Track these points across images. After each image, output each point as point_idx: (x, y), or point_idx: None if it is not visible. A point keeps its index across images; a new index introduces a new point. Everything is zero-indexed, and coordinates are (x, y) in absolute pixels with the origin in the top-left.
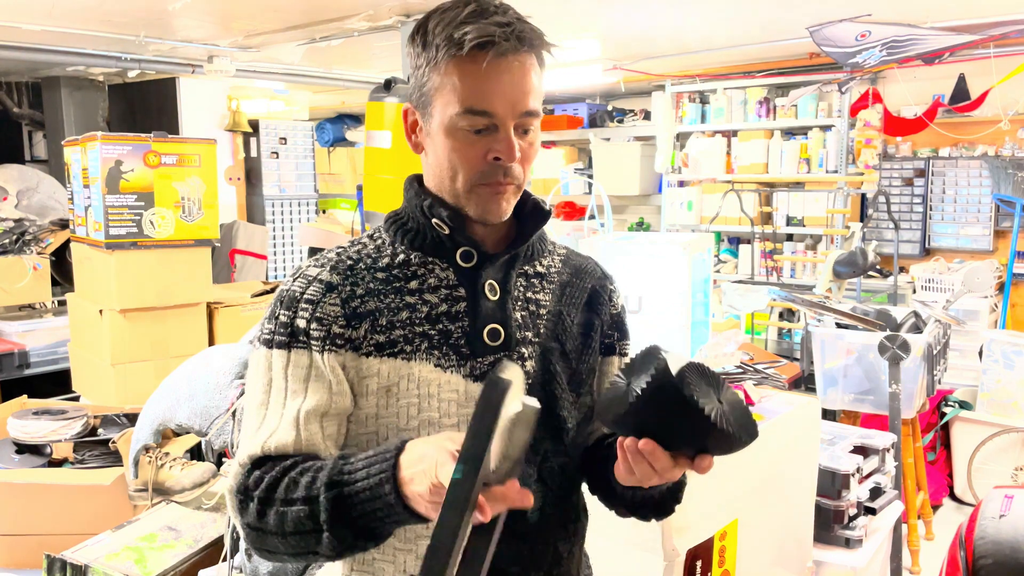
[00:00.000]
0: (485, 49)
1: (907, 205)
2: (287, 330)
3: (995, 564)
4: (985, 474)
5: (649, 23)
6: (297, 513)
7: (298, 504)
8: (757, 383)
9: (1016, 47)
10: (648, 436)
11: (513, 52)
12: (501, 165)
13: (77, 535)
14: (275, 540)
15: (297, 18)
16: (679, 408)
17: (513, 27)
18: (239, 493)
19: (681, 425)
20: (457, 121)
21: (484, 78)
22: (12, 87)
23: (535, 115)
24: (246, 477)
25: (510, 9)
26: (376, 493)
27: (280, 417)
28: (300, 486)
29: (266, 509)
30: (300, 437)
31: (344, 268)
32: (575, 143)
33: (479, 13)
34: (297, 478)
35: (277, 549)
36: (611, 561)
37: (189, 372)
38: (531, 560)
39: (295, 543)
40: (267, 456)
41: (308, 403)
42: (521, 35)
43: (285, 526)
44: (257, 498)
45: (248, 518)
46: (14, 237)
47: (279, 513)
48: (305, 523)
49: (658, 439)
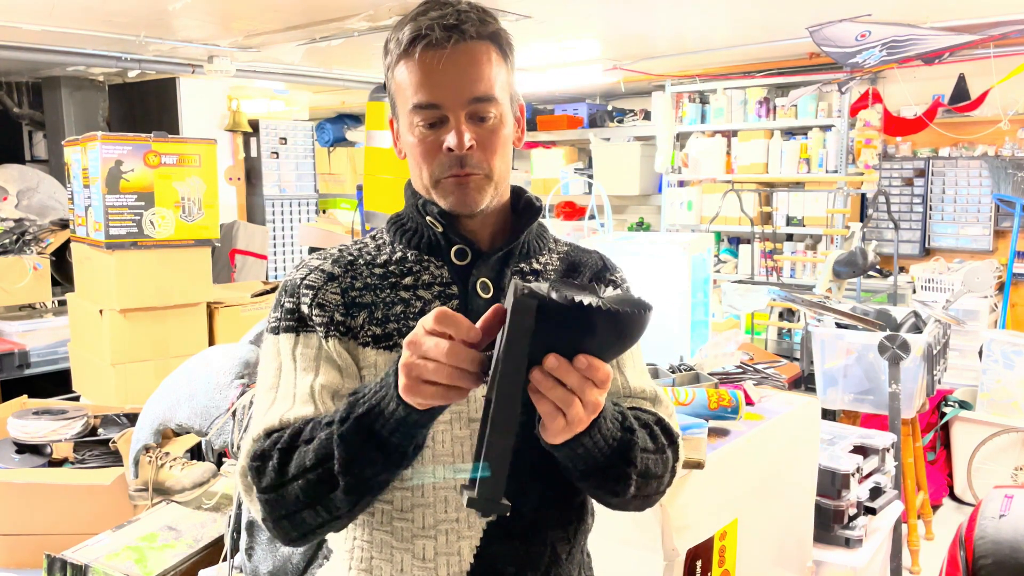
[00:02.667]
0: (419, 43)
1: (907, 205)
2: (293, 316)
3: (995, 564)
4: (985, 474)
5: (649, 23)
6: (319, 440)
7: (321, 431)
8: (757, 383)
9: (1016, 47)
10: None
11: (451, 41)
12: (456, 155)
13: (77, 535)
14: (295, 488)
15: (297, 18)
16: (559, 317)
17: (448, 17)
18: (254, 460)
19: (568, 332)
20: (412, 118)
21: (425, 71)
22: (12, 87)
23: (487, 100)
24: (262, 444)
25: (462, 2)
26: (383, 383)
27: (293, 395)
28: (323, 421)
29: (288, 457)
30: (319, 410)
31: (345, 262)
32: (575, 143)
33: (423, 12)
34: (320, 419)
35: (296, 502)
36: (611, 561)
37: (189, 372)
38: (527, 560)
39: (315, 479)
40: (285, 427)
41: (321, 379)
42: (459, 25)
43: (307, 460)
44: (279, 450)
45: (267, 479)
46: (14, 237)
47: (302, 452)
48: (325, 444)
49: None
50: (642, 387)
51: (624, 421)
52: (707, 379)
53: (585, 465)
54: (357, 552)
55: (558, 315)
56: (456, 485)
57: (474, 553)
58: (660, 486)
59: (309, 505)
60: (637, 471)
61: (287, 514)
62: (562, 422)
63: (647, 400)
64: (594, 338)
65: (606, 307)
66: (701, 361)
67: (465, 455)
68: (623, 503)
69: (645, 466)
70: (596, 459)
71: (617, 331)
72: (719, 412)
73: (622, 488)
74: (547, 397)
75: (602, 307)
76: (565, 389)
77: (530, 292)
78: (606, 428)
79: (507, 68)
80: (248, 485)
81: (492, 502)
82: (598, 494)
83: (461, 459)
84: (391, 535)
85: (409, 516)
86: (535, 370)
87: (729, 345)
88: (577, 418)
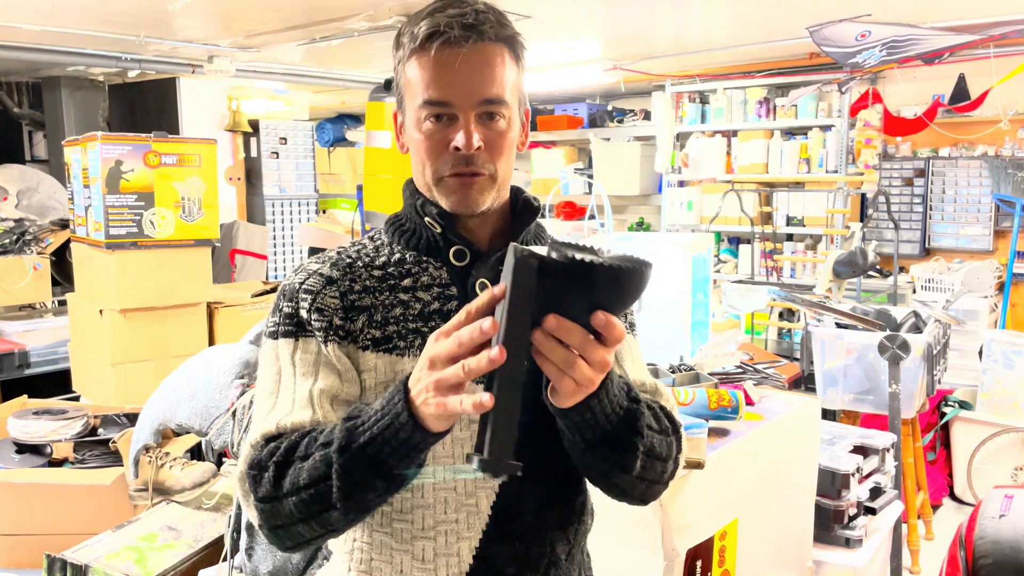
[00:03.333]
0: (436, 39)
1: (907, 205)
2: (292, 320)
3: (995, 564)
4: (985, 474)
5: (649, 23)
6: (314, 460)
7: (316, 451)
8: (757, 383)
9: (1016, 47)
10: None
11: (469, 41)
12: (462, 155)
13: (77, 535)
14: (289, 504)
15: (297, 18)
16: (560, 276)
17: (468, 17)
18: (251, 469)
19: (569, 291)
20: (420, 113)
21: (439, 68)
22: (12, 87)
23: (498, 102)
24: (259, 452)
25: (480, 3)
26: (388, 411)
27: (292, 400)
28: (318, 442)
29: (283, 472)
30: (317, 415)
31: (344, 265)
32: (575, 143)
33: (440, 8)
34: (316, 436)
35: (291, 516)
36: (611, 561)
37: (189, 372)
38: (527, 561)
39: (308, 499)
40: (282, 434)
41: (320, 384)
42: (478, 25)
43: (301, 479)
44: (275, 463)
45: (263, 490)
46: (14, 237)
47: (296, 470)
48: (319, 467)
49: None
50: (642, 380)
51: (630, 392)
52: (707, 379)
53: (593, 434)
54: (357, 553)
55: (558, 274)
56: (455, 486)
57: (473, 554)
58: (664, 473)
59: (304, 520)
60: (644, 443)
61: (282, 525)
62: (571, 384)
63: (647, 393)
64: (595, 296)
65: (607, 263)
66: (701, 361)
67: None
68: (628, 487)
69: (651, 443)
70: (603, 427)
71: (618, 287)
72: (719, 412)
73: (630, 461)
74: (549, 358)
75: (603, 263)
76: (567, 350)
77: (530, 253)
78: (613, 394)
79: (518, 72)
80: (246, 492)
81: (502, 463)
82: (605, 468)
83: (461, 460)
84: (391, 536)
85: (409, 517)
86: (537, 331)
87: (729, 345)
88: (586, 378)
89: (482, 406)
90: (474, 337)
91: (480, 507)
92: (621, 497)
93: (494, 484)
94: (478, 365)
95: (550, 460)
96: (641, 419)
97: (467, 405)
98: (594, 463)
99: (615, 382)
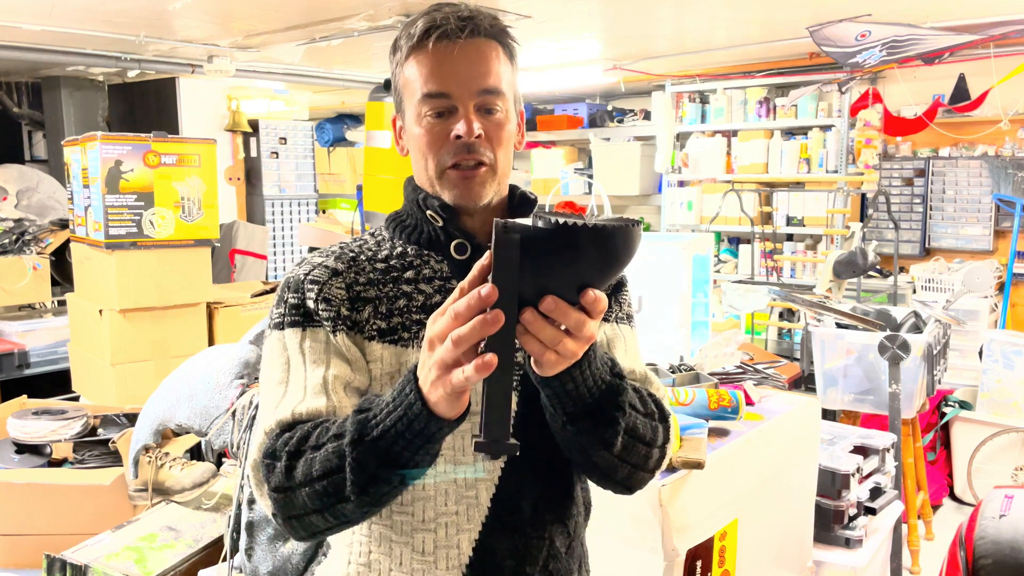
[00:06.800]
0: (433, 33)
1: (907, 205)
2: (299, 311)
3: (995, 564)
4: (985, 474)
5: (649, 23)
6: (326, 452)
7: (328, 443)
8: (757, 383)
9: (1016, 47)
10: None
11: (465, 32)
12: (464, 143)
13: (77, 535)
14: (303, 495)
15: (297, 18)
16: (545, 244)
17: (462, 13)
18: (265, 458)
19: (557, 258)
20: (420, 109)
21: (437, 61)
22: (12, 87)
23: (495, 93)
24: (273, 442)
25: (474, 5)
26: (400, 402)
27: (304, 387)
28: (331, 431)
29: (295, 462)
30: (332, 402)
31: (347, 258)
32: (575, 143)
33: (436, 8)
34: (329, 426)
35: (305, 507)
36: (611, 561)
37: (189, 372)
38: (527, 553)
39: (322, 490)
40: (297, 421)
41: (332, 371)
42: (473, 18)
43: (313, 470)
44: (287, 454)
45: (275, 480)
46: (14, 237)
47: (308, 460)
48: (332, 459)
49: (544, 293)
50: (632, 368)
51: (614, 367)
52: (707, 379)
53: (574, 406)
54: (356, 547)
55: (543, 242)
56: (455, 478)
57: (473, 546)
58: (648, 460)
59: (318, 512)
60: (626, 420)
61: (296, 515)
62: (553, 355)
63: (637, 381)
64: (583, 260)
65: (590, 224)
66: (701, 361)
67: (466, 448)
68: (610, 468)
69: (633, 423)
70: (585, 399)
71: (606, 248)
72: (719, 412)
73: (611, 437)
74: (538, 337)
75: (586, 224)
76: (556, 329)
77: (512, 225)
78: (596, 366)
79: (513, 70)
80: (259, 481)
81: (499, 443)
82: (586, 444)
83: (462, 452)
84: (390, 529)
85: (409, 510)
86: (525, 311)
87: (729, 345)
88: (569, 351)
89: (486, 365)
90: (472, 305)
91: (480, 499)
92: (604, 481)
93: (494, 477)
94: (470, 330)
95: (550, 453)
96: (624, 395)
97: (469, 372)
98: (575, 438)
99: (598, 355)
